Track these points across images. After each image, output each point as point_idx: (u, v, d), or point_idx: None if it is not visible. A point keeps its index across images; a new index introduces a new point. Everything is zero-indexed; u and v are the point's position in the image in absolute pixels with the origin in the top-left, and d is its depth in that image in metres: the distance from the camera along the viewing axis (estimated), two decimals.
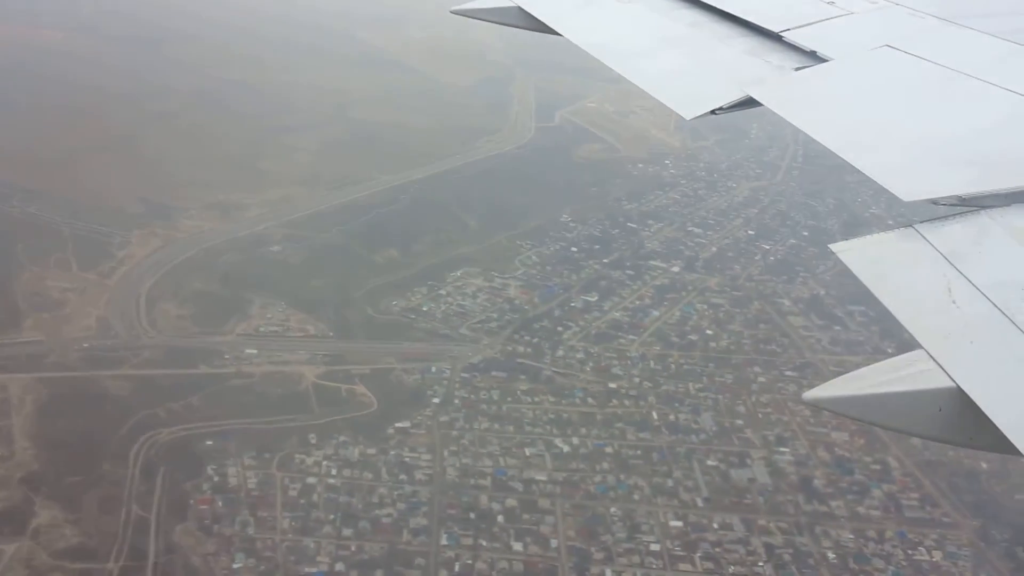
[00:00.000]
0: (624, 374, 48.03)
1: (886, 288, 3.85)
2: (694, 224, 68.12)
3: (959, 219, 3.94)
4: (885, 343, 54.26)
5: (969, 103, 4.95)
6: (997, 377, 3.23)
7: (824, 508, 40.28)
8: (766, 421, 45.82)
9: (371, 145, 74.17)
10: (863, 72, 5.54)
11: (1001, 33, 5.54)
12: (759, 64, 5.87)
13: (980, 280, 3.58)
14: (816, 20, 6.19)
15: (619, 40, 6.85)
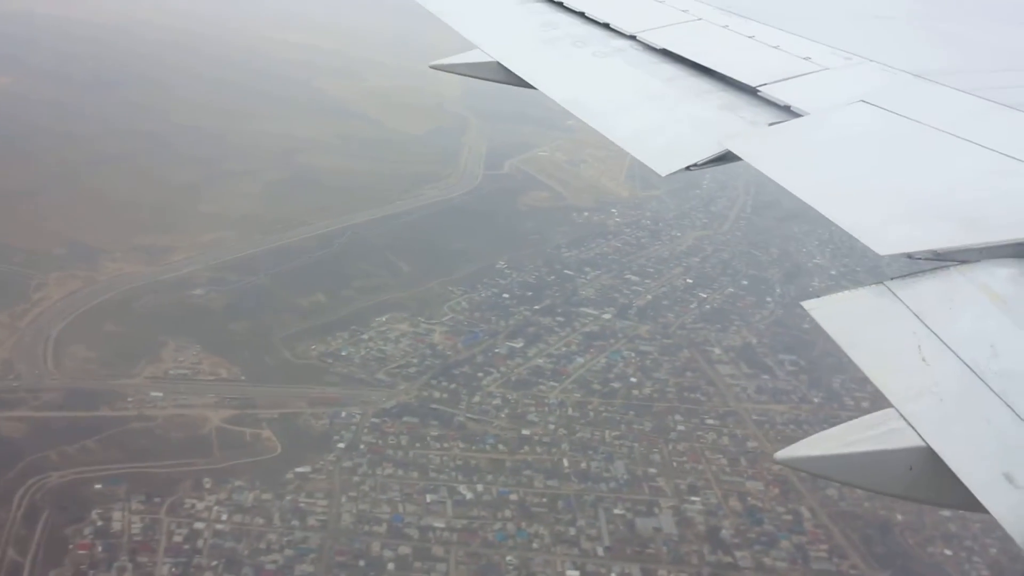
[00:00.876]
0: (540, 421, 47.96)
1: (856, 346, 3.92)
2: (632, 272, 68.72)
3: (930, 276, 4.03)
4: (812, 392, 54.65)
5: (943, 159, 5.10)
6: (966, 435, 3.29)
7: (728, 559, 40.02)
8: (680, 470, 45.72)
9: (312, 190, 74.84)
10: (839, 127, 5.72)
11: (973, 90, 5.71)
12: (733, 119, 6.02)
13: (950, 337, 3.63)
14: (791, 75, 6.34)
15: (595, 95, 6.98)
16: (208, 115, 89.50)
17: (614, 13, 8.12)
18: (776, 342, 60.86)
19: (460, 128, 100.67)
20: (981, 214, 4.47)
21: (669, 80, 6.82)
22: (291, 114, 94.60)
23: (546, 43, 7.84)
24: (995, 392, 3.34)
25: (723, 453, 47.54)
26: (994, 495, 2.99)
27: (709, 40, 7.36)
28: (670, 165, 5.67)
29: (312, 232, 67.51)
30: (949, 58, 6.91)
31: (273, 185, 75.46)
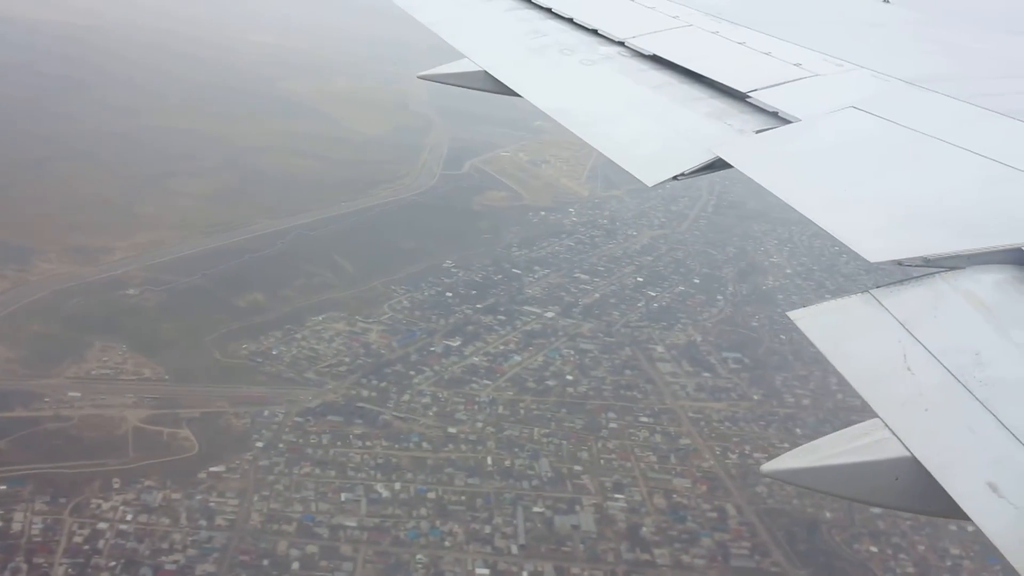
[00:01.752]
0: (468, 419, 47.64)
1: (841, 356, 3.90)
2: (582, 271, 68.50)
3: (915, 284, 4.03)
4: (752, 390, 54.45)
5: (934, 165, 5.08)
6: (950, 445, 3.29)
7: (646, 557, 39.68)
8: (607, 467, 45.40)
9: (262, 191, 74.61)
10: (829, 133, 5.68)
11: (964, 97, 5.73)
12: (722, 127, 5.97)
13: (935, 346, 3.63)
14: (782, 81, 6.31)
15: (582, 104, 6.90)
16: (164, 116, 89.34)
17: (603, 19, 8.10)
18: (722, 340, 60.64)
19: (423, 129, 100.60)
20: (971, 221, 4.47)
21: (657, 87, 6.79)
22: (251, 115, 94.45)
23: (534, 51, 7.79)
24: (979, 400, 3.34)
25: (653, 450, 47.22)
26: (978, 505, 3.00)
27: (699, 46, 7.33)
28: (657, 175, 5.59)
29: (256, 232, 67.22)
30: (940, 65, 6.93)
31: (222, 186, 75.18)
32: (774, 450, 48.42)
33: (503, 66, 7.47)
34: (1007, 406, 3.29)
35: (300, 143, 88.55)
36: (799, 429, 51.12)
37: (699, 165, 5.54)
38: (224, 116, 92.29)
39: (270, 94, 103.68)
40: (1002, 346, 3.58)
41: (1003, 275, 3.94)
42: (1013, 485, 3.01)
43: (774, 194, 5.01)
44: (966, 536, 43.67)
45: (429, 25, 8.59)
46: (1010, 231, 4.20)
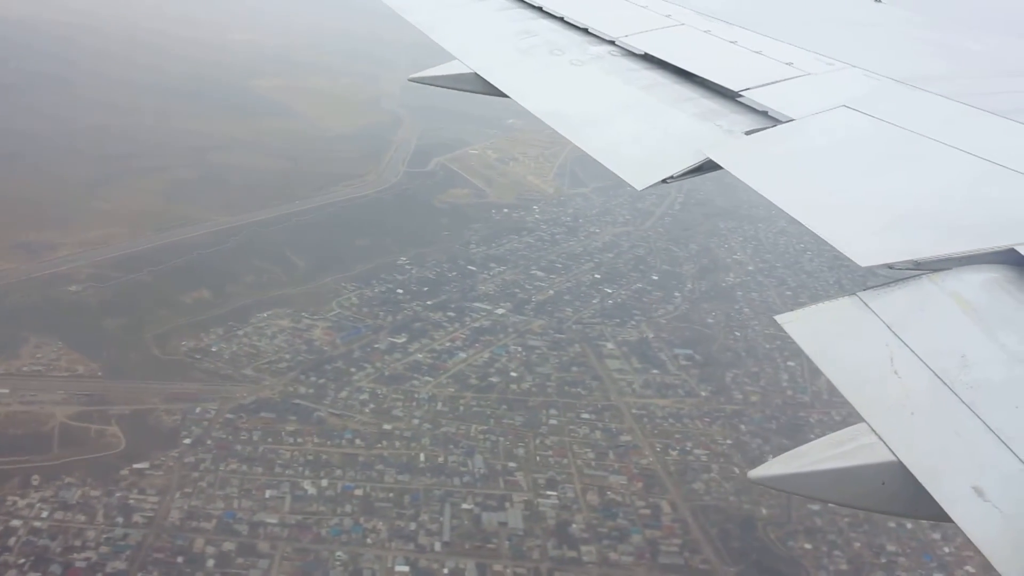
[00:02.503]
0: (404, 416, 47.18)
1: (829, 360, 3.88)
2: (539, 268, 68.08)
3: (901, 286, 4.02)
4: (701, 386, 54.01)
5: (925, 165, 5.07)
6: (936, 449, 3.29)
7: (572, 554, 39.20)
8: (543, 464, 44.94)
9: (220, 187, 74.14)
10: (820, 133, 5.64)
11: (956, 96, 5.75)
12: (711, 128, 5.93)
13: (921, 349, 3.64)
14: (774, 80, 6.28)
15: (571, 106, 6.84)
16: (130, 113, 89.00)
17: (594, 18, 8.07)
18: (675, 337, 60.21)
19: (393, 127, 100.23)
20: (962, 222, 4.47)
21: (647, 87, 6.75)
22: (218, 112, 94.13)
23: (524, 52, 7.75)
24: (965, 403, 3.35)
25: (592, 447, 46.78)
26: (963, 509, 3.01)
27: (691, 45, 7.30)
28: (646, 178, 5.58)
29: (209, 229, 66.79)
30: (931, 64, 6.96)
31: (181, 182, 74.77)
32: (716, 447, 48.10)
33: (493, 68, 7.46)
34: (993, 409, 3.29)
35: (265, 140, 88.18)
36: (744, 426, 50.73)
37: (689, 167, 5.52)
38: (191, 113, 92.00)
39: (241, 92, 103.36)
40: (988, 348, 3.57)
41: (990, 275, 3.92)
42: (998, 489, 3.02)
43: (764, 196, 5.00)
44: (904, 533, 43.35)
45: (419, 26, 8.58)
46: (1000, 231, 4.17)
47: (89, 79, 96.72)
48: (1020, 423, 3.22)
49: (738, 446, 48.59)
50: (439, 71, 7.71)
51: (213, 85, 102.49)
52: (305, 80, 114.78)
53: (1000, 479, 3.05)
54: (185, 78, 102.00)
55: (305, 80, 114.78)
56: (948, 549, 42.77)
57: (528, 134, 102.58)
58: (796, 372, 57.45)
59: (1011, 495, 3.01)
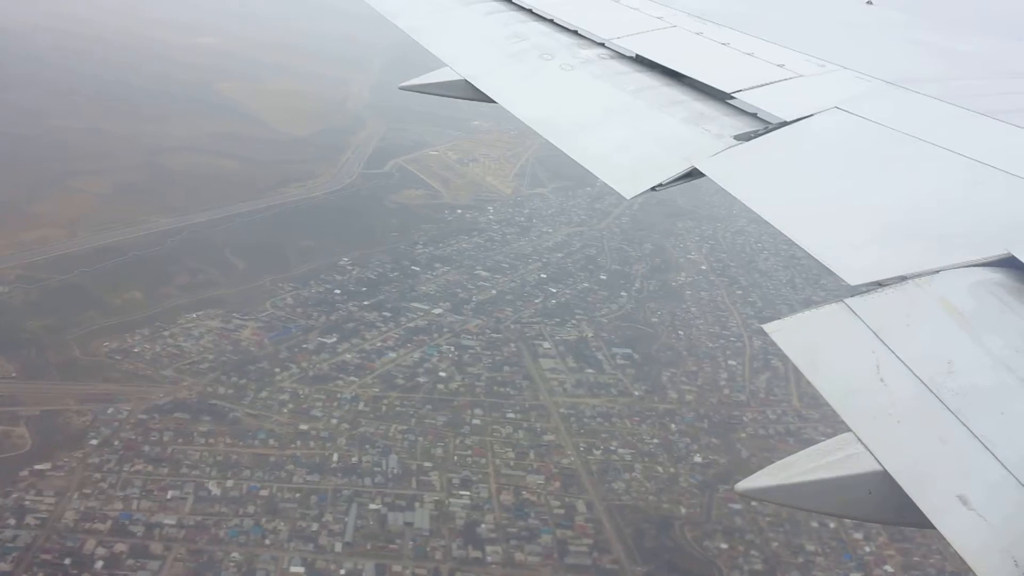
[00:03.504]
0: (323, 416, 46.62)
1: (816, 369, 3.84)
2: (485, 268, 67.61)
3: (888, 291, 3.99)
4: (635, 386, 53.48)
5: (917, 168, 5.06)
6: (921, 457, 3.29)
7: (477, 554, 38.58)
8: (460, 464, 44.36)
9: (166, 190, 73.72)
10: (811, 138, 5.60)
11: (947, 97, 5.77)
12: (702, 133, 5.90)
13: (908, 355, 3.63)
14: (766, 82, 6.30)
15: (560, 113, 6.81)
16: (86, 116, 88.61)
17: (585, 20, 8.04)
18: (615, 336, 59.69)
19: (354, 129, 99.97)
20: (951, 231, 4.42)
21: (637, 91, 6.70)
22: (177, 115, 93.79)
23: (513, 57, 7.71)
24: (951, 410, 3.34)
25: (513, 447, 46.20)
26: (948, 518, 3.01)
27: (682, 47, 7.30)
28: (635, 186, 5.53)
29: (150, 230, 66.35)
30: (923, 66, 6.98)
31: (127, 184, 74.37)
32: (643, 446, 47.53)
33: (483, 74, 7.43)
34: (978, 415, 3.29)
35: (221, 143, 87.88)
36: (674, 425, 50.19)
37: (677, 175, 5.48)
38: (149, 116, 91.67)
39: (204, 95, 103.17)
40: (974, 353, 3.55)
41: (977, 278, 3.90)
42: (983, 497, 3.02)
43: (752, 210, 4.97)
44: (826, 533, 42.76)
45: (409, 32, 8.53)
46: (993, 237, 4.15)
47: (50, 81, 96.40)
48: (1005, 429, 3.21)
49: (665, 445, 47.99)
50: (429, 79, 7.63)
51: (176, 88, 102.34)
52: (272, 83, 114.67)
53: (985, 487, 3.05)
54: (149, 81, 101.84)
55: (272, 83, 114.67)
56: (869, 548, 42.16)
57: (492, 135, 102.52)
58: (736, 371, 56.92)
59: (996, 503, 3.00)
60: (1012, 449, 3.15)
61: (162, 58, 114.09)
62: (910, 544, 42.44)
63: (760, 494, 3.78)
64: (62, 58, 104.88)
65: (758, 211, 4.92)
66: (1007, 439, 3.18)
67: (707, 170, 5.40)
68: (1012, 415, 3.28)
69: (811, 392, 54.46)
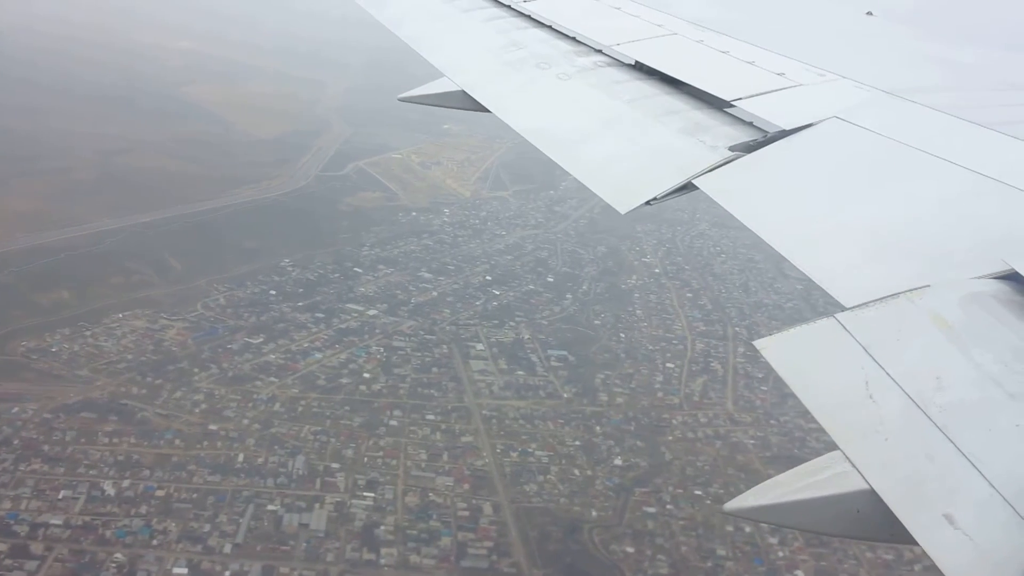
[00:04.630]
0: (235, 416, 46.13)
1: (805, 387, 3.85)
2: (429, 270, 67.16)
3: (878, 305, 3.99)
4: (566, 388, 52.85)
5: (915, 180, 5.06)
6: (908, 475, 3.29)
7: (370, 556, 37.96)
8: (369, 465, 43.78)
9: (115, 190, 73.51)
10: (807, 151, 5.58)
11: (946, 108, 5.79)
12: (693, 144, 5.88)
13: (896, 371, 3.63)
14: (765, 91, 6.31)
15: (556, 124, 6.80)
16: (47, 115, 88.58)
17: (584, 27, 8.04)
18: (553, 338, 59.07)
19: (320, 131, 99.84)
20: (948, 247, 4.39)
21: (633, 101, 6.69)
22: (139, 117, 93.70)
23: (510, 66, 7.72)
24: (938, 427, 3.33)
25: (428, 449, 45.61)
26: (933, 537, 3.01)
27: (682, 54, 7.30)
28: (629, 201, 5.50)
29: (91, 230, 66.11)
30: (923, 76, 6.98)
31: (75, 184, 74.28)
32: (562, 448, 46.88)
33: (479, 85, 7.44)
34: (965, 431, 3.28)
35: (180, 145, 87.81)
36: (599, 427, 49.51)
37: (671, 189, 5.44)
38: (110, 118, 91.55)
39: (170, 97, 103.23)
40: (962, 367, 3.55)
41: (968, 291, 3.88)
42: (969, 515, 3.01)
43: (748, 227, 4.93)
44: (741, 537, 42.04)
45: (409, 41, 8.55)
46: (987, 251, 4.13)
47: (15, 80, 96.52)
48: (992, 446, 3.19)
49: (587, 448, 47.31)
50: (427, 89, 7.65)
51: (145, 90, 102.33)
52: (244, 86, 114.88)
53: (971, 506, 3.04)
54: (118, 82, 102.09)
55: (244, 86, 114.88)
56: (782, 553, 41.32)
57: (460, 139, 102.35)
58: (673, 374, 56.27)
59: (982, 522, 2.98)
60: (998, 466, 3.12)
61: (137, 59, 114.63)
62: (825, 549, 41.58)
63: (748, 513, 3.78)
64: (31, 57, 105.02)
65: (753, 228, 4.86)
66: (994, 456, 3.16)
67: (702, 184, 5.38)
68: (999, 431, 3.24)
69: (747, 396, 53.82)
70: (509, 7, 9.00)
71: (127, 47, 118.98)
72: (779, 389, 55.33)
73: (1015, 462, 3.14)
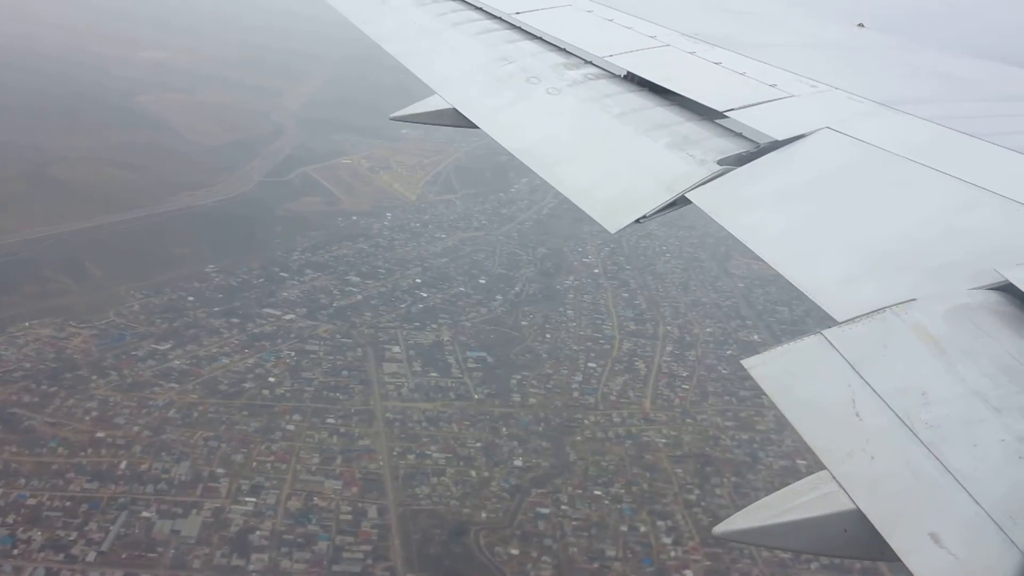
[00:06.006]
0: (126, 424, 45.62)
1: (792, 405, 3.84)
2: (358, 274, 66.71)
3: (865, 320, 4.01)
4: (479, 389, 52.27)
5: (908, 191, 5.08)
6: (894, 494, 3.32)
7: (239, 562, 37.36)
8: (257, 470, 43.22)
9: (46, 200, 73.36)
10: (800, 162, 5.59)
11: (938, 119, 5.87)
12: (685, 158, 5.90)
13: (883, 387, 3.65)
14: (757, 102, 6.37)
15: (544, 141, 6.77)
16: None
17: (576, 38, 8.10)
18: (475, 340, 58.49)
19: (271, 138, 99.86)
20: (941, 258, 4.43)
21: (623, 115, 6.70)
22: (88, 125, 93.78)
23: (500, 81, 7.76)
24: (924, 444, 3.35)
25: (322, 452, 45.04)
26: (919, 557, 3.02)
27: (675, 65, 7.36)
28: (620, 219, 5.52)
29: (10, 239, 65.88)
30: (914, 87, 7.10)
31: (3, 194, 74.08)
32: (463, 450, 46.27)
33: (470, 102, 7.46)
34: (951, 448, 3.30)
35: (123, 153, 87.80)
36: (506, 428, 48.89)
37: (662, 205, 5.45)
38: (56, 126, 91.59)
39: (122, 106, 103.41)
40: (948, 382, 3.56)
41: (953, 303, 3.89)
42: (954, 533, 3.02)
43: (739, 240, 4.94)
44: (634, 537, 41.35)
45: (398, 56, 8.56)
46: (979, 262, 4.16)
47: None
48: (977, 463, 3.19)
49: (488, 449, 46.67)
50: (418, 108, 7.69)
51: (97, 99, 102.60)
52: (202, 95, 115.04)
53: (957, 524, 3.05)
54: (70, 92, 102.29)
55: (202, 95, 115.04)
56: (675, 553, 40.53)
57: (415, 144, 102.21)
58: (593, 374, 55.63)
59: (967, 540, 2.98)
60: (983, 484, 3.12)
61: (96, 71, 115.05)
62: (721, 549, 40.75)
63: (737, 536, 3.78)
64: None
65: (746, 242, 4.88)
66: (979, 473, 3.16)
67: (695, 199, 5.38)
68: (984, 447, 3.25)
69: (666, 394, 53.09)
70: (500, 19, 8.95)
71: (89, 59, 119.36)
72: (701, 387, 54.69)
73: (1000, 479, 3.13)
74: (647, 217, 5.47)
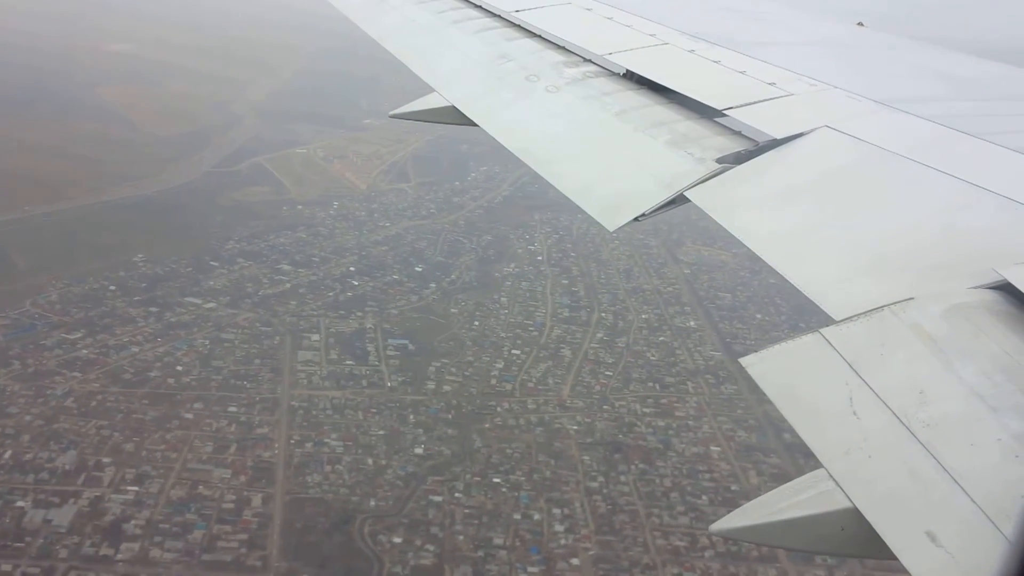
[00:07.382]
0: (19, 412, 45.33)
1: (790, 404, 3.88)
2: (291, 263, 66.26)
3: (863, 319, 4.03)
4: (395, 377, 51.78)
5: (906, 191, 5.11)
6: (891, 492, 3.33)
7: (108, 552, 36.88)
8: (146, 459, 42.81)
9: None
10: (799, 161, 5.61)
11: (937, 118, 5.89)
12: (683, 156, 5.92)
13: (880, 386, 3.68)
14: (756, 100, 6.43)
15: (544, 139, 6.82)
16: None
17: (576, 36, 8.14)
18: (399, 328, 57.94)
19: (226, 129, 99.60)
20: (940, 257, 4.44)
21: (622, 112, 6.72)
22: (41, 116, 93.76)
23: (500, 79, 7.78)
24: (921, 443, 3.38)
25: (217, 441, 44.59)
26: (916, 555, 3.05)
27: (674, 64, 7.40)
28: (618, 218, 5.52)
29: None
30: (913, 86, 7.15)
31: None
32: (364, 438, 45.81)
33: (469, 100, 7.49)
34: (948, 447, 3.32)
35: (71, 143, 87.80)
36: (413, 416, 48.27)
37: (660, 204, 5.45)
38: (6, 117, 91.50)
39: (79, 98, 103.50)
40: (945, 381, 3.58)
41: (951, 302, 3.91)
42: (951, 532, 3.04)
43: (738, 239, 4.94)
44: (526, 526, 40.69)
45: (397, 55, 8.53)
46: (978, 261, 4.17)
47: None
48: (974, 462, 3.22)
49: (390, 437, 46.10)
50: (418, 105, 7.67)
51: (54, 91, 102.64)
52: (164, 86, 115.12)
53: (954, 522, 3.07)
54: (25, 85, 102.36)
55: (164, 86, 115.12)
56: (564, 541, 39.80)
57: (376, 133, 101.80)
58: (515, 361, 55.00)
59: (964, 539, 3.00)
60: (980, 483, 3.13)
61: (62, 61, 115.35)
62: (613, 537, 40.01)
63: (735, 534, 3.78)
64: None
65: (744, 241, 4.86)
66: (976, 472, 3.18)
67: (693, 197, 5.39)
68: (981, 446, 3.25)
69: (587, 382, 52.31)
70: (499, 17, 8.99)
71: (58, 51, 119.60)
72: (626, 374, 53.91)
73: (996, 478, 3.13)
74: (646, 215, 5.44)
